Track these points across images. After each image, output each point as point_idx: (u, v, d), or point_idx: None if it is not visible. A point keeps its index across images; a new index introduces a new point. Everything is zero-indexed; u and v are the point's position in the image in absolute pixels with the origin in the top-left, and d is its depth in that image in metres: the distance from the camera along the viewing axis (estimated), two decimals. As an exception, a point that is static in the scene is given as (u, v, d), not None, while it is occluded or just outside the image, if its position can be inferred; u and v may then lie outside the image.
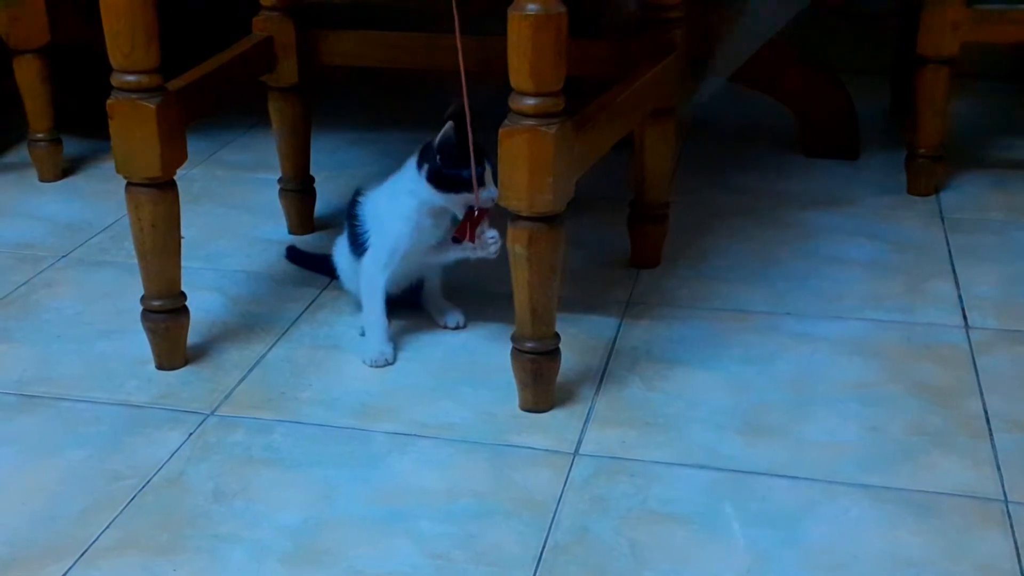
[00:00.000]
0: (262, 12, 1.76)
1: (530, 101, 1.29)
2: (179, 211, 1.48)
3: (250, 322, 1.64)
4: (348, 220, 1.59)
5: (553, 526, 1.23)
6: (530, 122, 1.30)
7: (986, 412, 1.42)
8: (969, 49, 1.98)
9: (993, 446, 1.36)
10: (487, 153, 1.44)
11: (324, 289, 1.73)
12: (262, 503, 1.27)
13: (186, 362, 1.53)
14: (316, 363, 1.54)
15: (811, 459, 1.34)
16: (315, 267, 1.75)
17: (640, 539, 1.21)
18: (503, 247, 1.42)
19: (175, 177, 1.47)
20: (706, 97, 2.14)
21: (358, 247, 1.56)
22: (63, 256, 1.86)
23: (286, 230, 1.92)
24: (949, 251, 1.85)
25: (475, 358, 1.55)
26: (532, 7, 1.26)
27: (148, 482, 1.31)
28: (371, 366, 1.52)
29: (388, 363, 1.53)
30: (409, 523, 1.24)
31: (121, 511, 1.26)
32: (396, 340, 1.57)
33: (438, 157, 1.46)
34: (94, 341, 1.60)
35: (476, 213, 1.48)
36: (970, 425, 1.40)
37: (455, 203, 1.49)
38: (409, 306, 1.62)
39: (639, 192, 1.76)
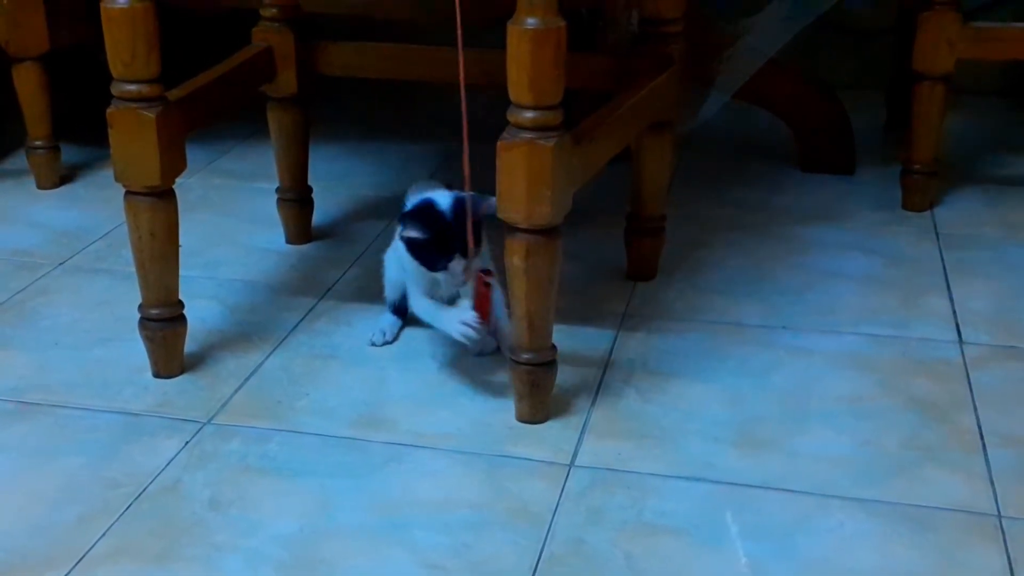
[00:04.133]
0: (261, 23, 1.77)
1: (529, 114, 1.30)
2: (177, 220, 1.48)
3: (247, 331, 1.64)
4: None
5: (549, 537, 1.23)
6: (529, 135, 1.31)
7: (980, 427, 1.43)
8: (964, 65, 1.99)
9: (987, 461, 1.36)
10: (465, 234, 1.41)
11: (322, 298, 1.74)
12: (258, 512, 1.27)
13: (183, 370, 1.54)
14: (313, 372, 1.54)
15: (806, 472, 1.34)
16: None
17: (635, 551, 1.21)
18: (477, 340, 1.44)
19: (173, 186, 1.47)
20: (709, 115, 2.15)
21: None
22: (60, 264, 1.86)
23: (284, 240, 1.92)
24: (943, 266, 1.86)
25: (472, 369, 1.55)
26: (531, 21, 1.27)
27: (144, 490, 1.31)
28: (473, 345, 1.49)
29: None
30: (405, 533, 1.24)
31: (117, 519, 1.26)
32: (392, 350, 1.58)
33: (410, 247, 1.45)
34: (91, 349, 1.60)
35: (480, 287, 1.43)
36: (964, 440, 1.41)
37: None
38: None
39: (636, 205, 1.76)
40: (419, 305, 1.52)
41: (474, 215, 1.42)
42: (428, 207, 1.45)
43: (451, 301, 1.50)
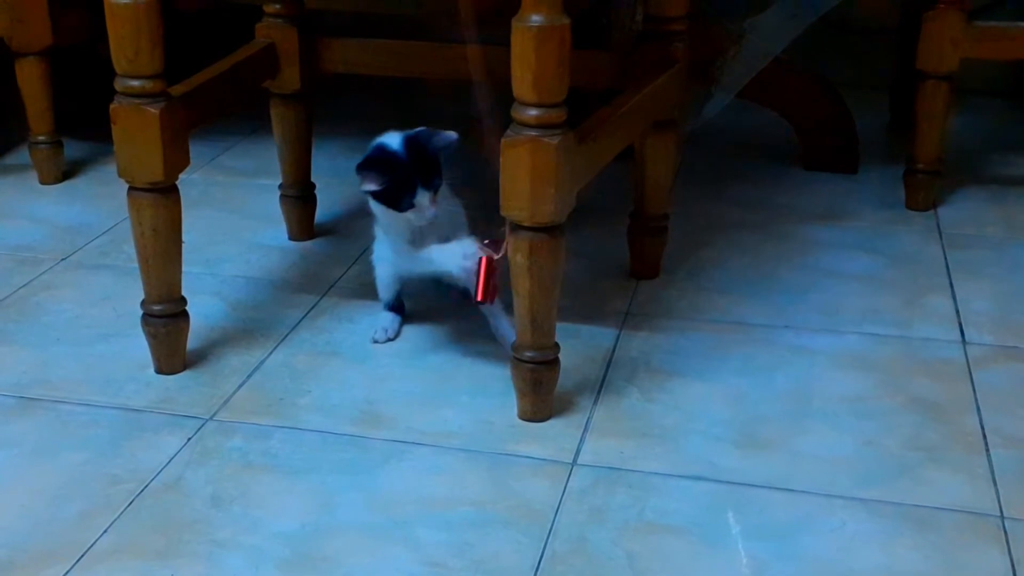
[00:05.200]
0: (265, 19, 1.76)
1: (533, 112, 1.30)
2: (180, 216, 1.48)
3: (250, 327, 1.64)
4: None
5: (551, 536, 1.23)
6: (533, 133, 1.30)
7: (983, 427, 1.43)
8: (968, 65, 1.99)
9: (989, 461, 1.36)
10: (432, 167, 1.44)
11: (324, 295, 1.73)
12: (260, 509, 1.27)
13: (185, 367, 1.54)
14: (315, 369, 1.54)
15: (808, 472, 1.34)
16: None
17: (637, 550, 1.21)
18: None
19: (176, 182, 1.47)
20: (712, 113, 2.15)
21: None
22: (63, 259, 1.86)
23: (286, 236, 1.92)
24: (947, 266, 1.86)
25: (474, 367, 1.55)
26: (536, 18, 1.27)
27: (146, 486, 1.31)
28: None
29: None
30: (407, 531, 1.24)
31: (119, 515, 1.26)
32: (395, 347, 1.58)
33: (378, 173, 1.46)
34: (93, 344, 1.60)
35: (484, 266, 1.44)
36: (966, 440, 1.40)
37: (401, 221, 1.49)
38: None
39: (639, 203, 1.76)
40: (402, 260, 1.55)
41: (430, 149, 1.44)
42: (379, 152, 1.46)
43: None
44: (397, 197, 1.45)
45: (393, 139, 1.48)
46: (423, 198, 1.45)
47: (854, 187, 2.17)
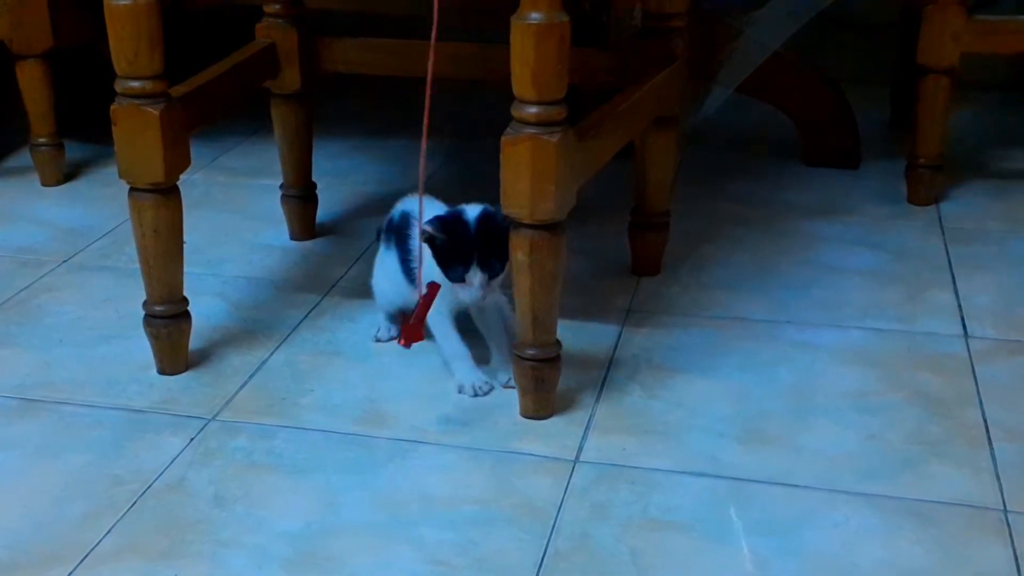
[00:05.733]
0: (265, 19, 1.76)
1: (532, 109, 1.30)
2: (182, 217, 1.48)
3: (252, 328, 1.65)
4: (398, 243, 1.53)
5: (554, 533, 1.23)
6: (532, 130, 1.30)
7: (985, 421, 1.43)
8: (969, 59, 1.99)
9: (992, 455, 1.36)
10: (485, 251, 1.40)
11: (326, 295, 1.74)
12: (263, 509, 1.27)
13: (187, 367, 1.54)
14: (318, 369, 1.54)
15: (811, 467, 1.34)
16: None
17: (640, 546, 1.21)
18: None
19: (177, 183, 1.47)
20: (712, 108, 2.15)
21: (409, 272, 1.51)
22: (65, 261, 1.86)
23: (288, 236, 1.92)
24: (949, 261, 1.86)
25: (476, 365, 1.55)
26: (535, 16, 1.27)
27: (149, 487, 1.31)
28: (473, 395, 1.48)
29: (489, 388, 1.49)
30: (410, 530, 1.24)
31: (122, 516, 1.26)
32: (396, 345, 1.57)
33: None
34: (95, 346, 1.60)
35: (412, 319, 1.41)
36: (969, 434, 1.40)
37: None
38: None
39: (640, 200, 1.76)
40: (440, 327, 1.50)
41: (500, 225, 1.39)
42: (455, 214, 1.44)
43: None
44: (450, 264, 1.41)
45: (473, 211, 1.43)
46: (475, 276, 1.41)
47: (855, 182, 2.17)
